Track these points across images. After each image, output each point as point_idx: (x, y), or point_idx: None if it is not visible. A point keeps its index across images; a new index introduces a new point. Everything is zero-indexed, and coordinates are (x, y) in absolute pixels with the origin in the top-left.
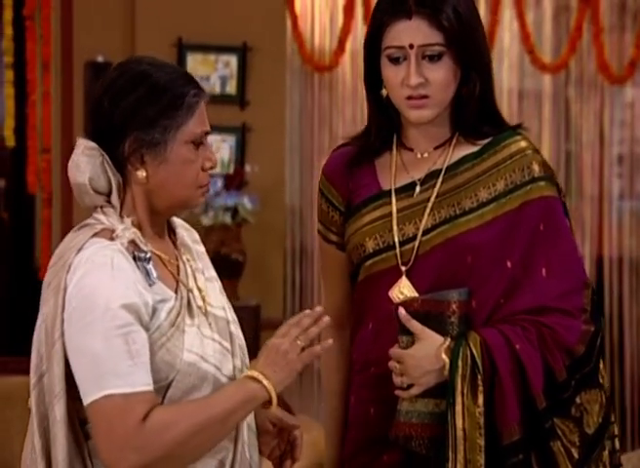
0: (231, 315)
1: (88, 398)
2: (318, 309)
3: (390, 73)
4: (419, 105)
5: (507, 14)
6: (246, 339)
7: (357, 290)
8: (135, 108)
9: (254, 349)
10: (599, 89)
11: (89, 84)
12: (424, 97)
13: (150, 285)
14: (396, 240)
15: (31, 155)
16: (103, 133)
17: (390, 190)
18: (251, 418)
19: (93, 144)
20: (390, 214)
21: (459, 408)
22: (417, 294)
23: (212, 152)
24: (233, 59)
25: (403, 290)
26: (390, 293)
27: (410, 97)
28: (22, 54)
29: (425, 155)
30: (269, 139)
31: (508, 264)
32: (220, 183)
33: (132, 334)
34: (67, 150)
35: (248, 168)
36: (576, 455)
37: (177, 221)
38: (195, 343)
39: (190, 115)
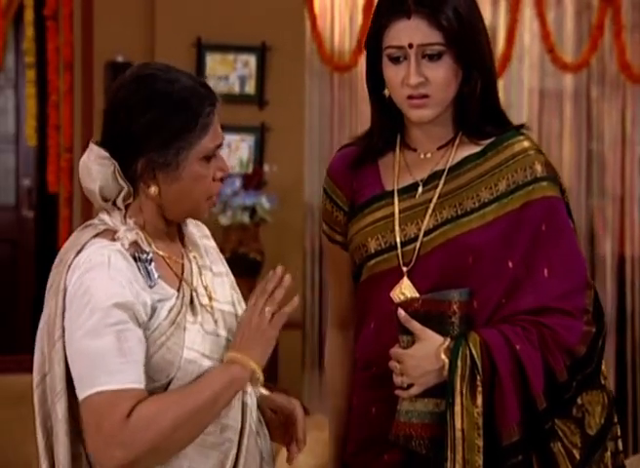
0: (240, 309)
1: (80, 395)
2: (279, 270)
3: (391, 73)
4: (419, 105)
5: (528, 13)
6: None
7: (359, 289)
8: (149, 129)
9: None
10: (621, 88)
11: (109, 84)
12: (425, 96)
13: (151, 286)
14: (398, 240)
15: (52, 155)
16: (118, 146)
17: (393, 191)
18: (256, 409)
19: (105, 153)
20: (392, 214)
21: (457, 408)
22: (417, 295)
23: (224, 161)
24: (252, 59)
25: (404, 290)
26: (392, 294)
27: (410, 97)
28: (43, 54)
29: (429, 155)
30: (288, 139)
31: (510, 264)
32: (238, 183)
33: (124, 333)
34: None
35: (266, 167)
36: (577, 456)
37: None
38: (197, 341)
39: (204, 135)
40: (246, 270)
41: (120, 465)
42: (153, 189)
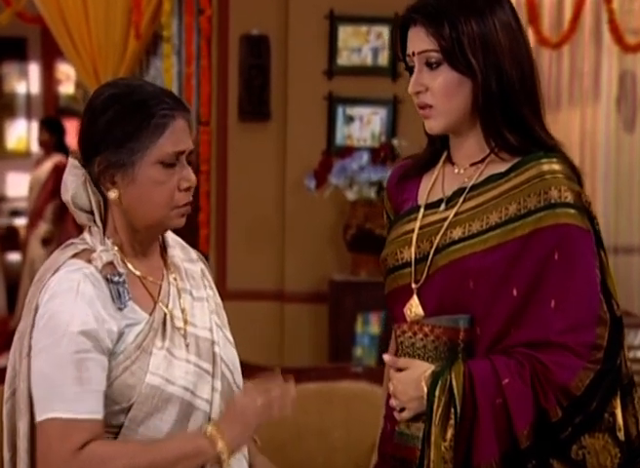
0: (219, 336)
1: (37, 417)
2: (289, 380)
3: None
4: (425, 115)
5: None
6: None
7: (386, 302)
8: (105, 130)
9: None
10: None
11: (244, 57)
12: (429, 106)
13: (121, 308)
14: (412, 257)
15: None
16: (82, 150)
17: (423, 205)
18: None
19: (77, 163)
20: (413, 229)
21: (433, 438)
22: (423, 314)
23: (189, 171)
24: (385, 31)
25: (413, 309)
26: (404, 311)
27: (418, 106)
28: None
29: (462, 171)
30: None
31: (514, 292)
32: (365, 157)
33: (85, 362)
34: (223, 123)
35: (395, 142)
36: None
37: (172, 240)
38: (161, 366)
39: (158, 136)
40: (371, 247)
41: None
42: (112, 193)
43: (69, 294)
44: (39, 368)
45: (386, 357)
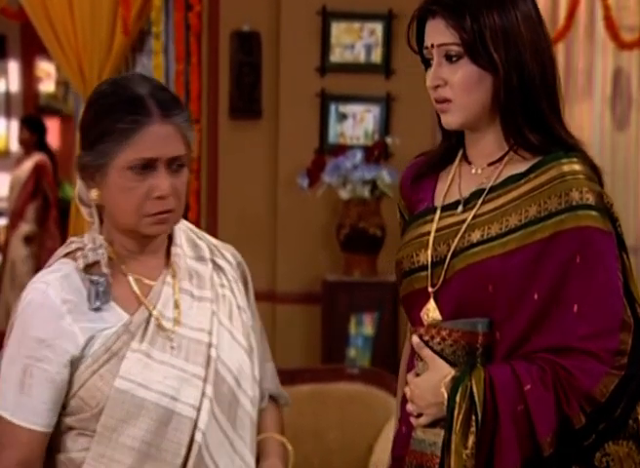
0: (222, 339)
1: None
2: None
3: (426, 77)
4: (442, 110)
5: None
6: (383, 316)
7: (402, 305)
8: (84, 128)
9: (392, 328)
10: None
11: (235, 54)
12: (447, 100)
13: (96, 309)
14: (429, 260)
15: None
16: None
17: (439, 206)
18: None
19: None
20: (429, 232)
21: (453, 447)
22: (440, 319)
23: (163, 180)
24: (379, 27)
25: (430, 313)
26: (421, 315)
27: (436, 101)
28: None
29: (479, 171)
30: (415, 110)
31: (535, 296)
32: (359, 155)
33: (32, 368)
34: (213, 121)
35: (389, 140)
36: None
37: (182, 237)
38: (134, 370)
39: (123, 142)
40: (365, 246)
41: None
42: (94, 192)
43: (37, 297)
44: (1, 362)
45: (415, 339)
